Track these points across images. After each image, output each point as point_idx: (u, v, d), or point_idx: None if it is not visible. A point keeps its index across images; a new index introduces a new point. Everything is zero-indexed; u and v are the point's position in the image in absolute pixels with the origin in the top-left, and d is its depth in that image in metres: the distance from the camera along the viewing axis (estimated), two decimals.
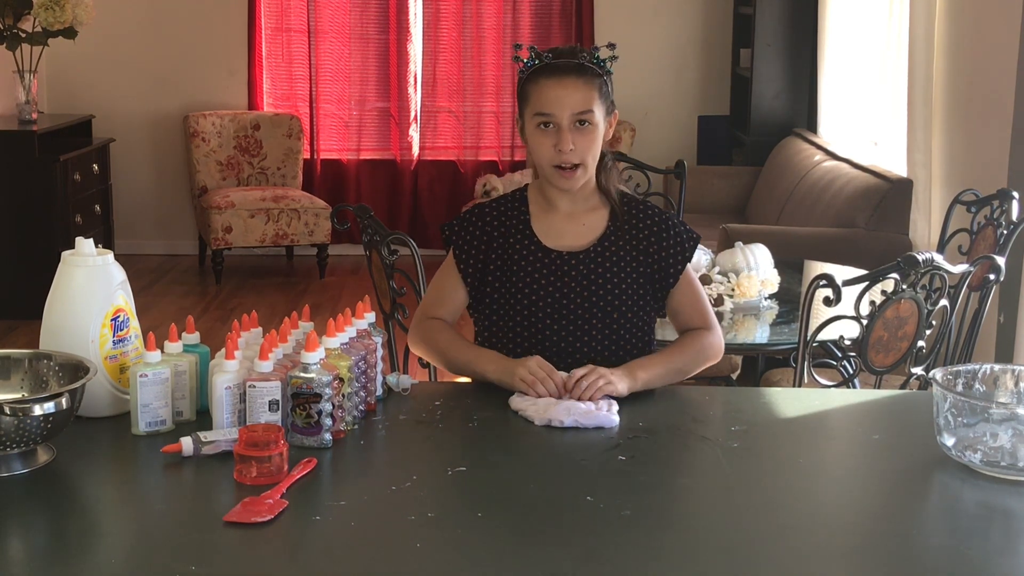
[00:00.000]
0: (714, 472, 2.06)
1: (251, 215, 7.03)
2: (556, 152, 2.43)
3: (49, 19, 6.22)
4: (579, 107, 2.42)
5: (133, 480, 2.03)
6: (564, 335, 2.48)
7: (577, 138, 2.42)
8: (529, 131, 2.48)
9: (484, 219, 2.55)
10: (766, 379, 3.93)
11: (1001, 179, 4.31)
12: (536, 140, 2.46)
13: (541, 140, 2.45)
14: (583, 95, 2.42)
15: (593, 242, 2.51)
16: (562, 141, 2.42)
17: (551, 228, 2.53)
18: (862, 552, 1.75)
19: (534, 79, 2.46)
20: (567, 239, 2.52)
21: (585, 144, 2.44)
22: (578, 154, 2.43)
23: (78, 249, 2.18)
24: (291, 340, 2.23)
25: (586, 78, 2.44)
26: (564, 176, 2.46)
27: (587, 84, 2.43)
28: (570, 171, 2.45)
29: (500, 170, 7.72)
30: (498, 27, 7.66)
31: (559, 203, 2.53)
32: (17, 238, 6.15)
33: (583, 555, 1.70)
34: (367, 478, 2.02)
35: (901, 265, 2.74)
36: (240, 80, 7.64)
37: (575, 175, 2.46)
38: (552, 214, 2.54)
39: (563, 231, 2.53)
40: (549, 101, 2.42)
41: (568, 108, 2.42)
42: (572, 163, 2.44)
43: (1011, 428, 1.98)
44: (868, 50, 6.10)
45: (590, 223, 2.53)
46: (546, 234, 2.52)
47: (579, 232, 2.53)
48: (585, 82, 2.43)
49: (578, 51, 2.48)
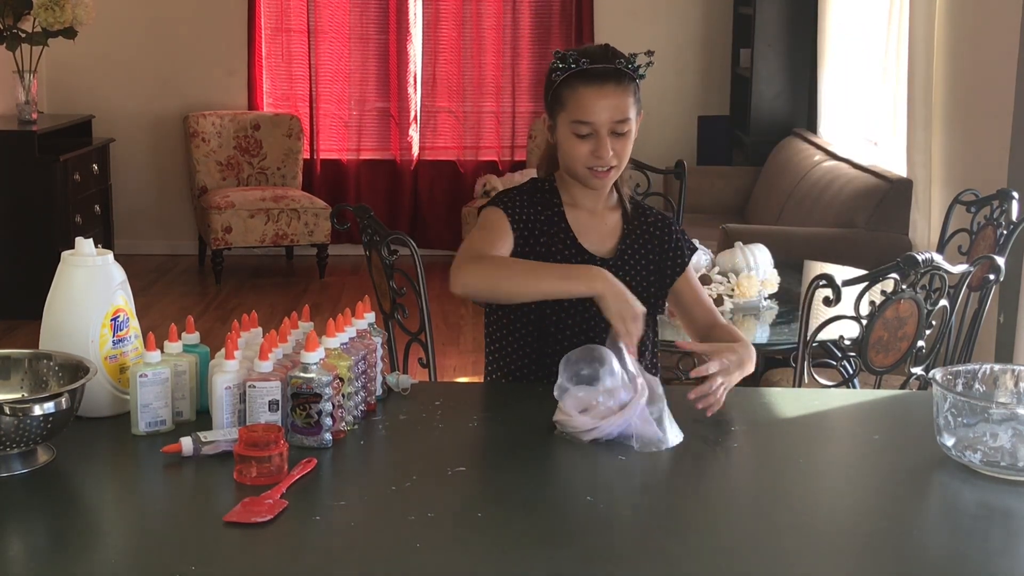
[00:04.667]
0: (714, 472, 2.06)
1: (251, 215, 7.03)
2: (594, 158, 2.44)
3: (49, 19, 6.22)
4: (618, 115, 2.42)
5: (133, 480, 2.03)
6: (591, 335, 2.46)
7: (614, 143, 2.43)
8: (563, 135, 2.47)
9: (529, 197, 2.53)
10: (766, 379, 3.93)
11: (1001, 179, 4.31)
12: (571, 144, 2.45)
13: (578, 145, 2.44)
14: (620, 102, 2.42)
15: (617, 246, 2.53)
16: (601, 148, 2.42)
17: (578, 223, 2.53)
18: (862, 552, 1.75)
19: (570, 84, 2.43)
20: (593, 238, 2.53)
21: (621, 148, 2.45)
22: (616, 158, 2.45)
23: (78, 249, 2.18)
24: (291, 340, 2.23)
25: (623, 84, 2.43)
26: (598, 177, 2.46)
27: (624, 91, 2.43)
28: (604, 172, 2.46)
29: (500, 170, 7.72)
30: (498, 27, 7.66)
31: (583, 201, 2.54)
32: (17, 238, 6.15)
33: (583, 555, 1.70)
34: (367, 478, 2.02)
35: (901, 265, 2.74)
36: (240, 80, 7.64)
37: (609, 175, 2.47)
38: (577, 210, 2.55)
39: (589, 228, 2.54)
40: (588, 110, 2.41)
41: (607, 115, 2.41)
42: (608, 166, 2.45)
43: (1011, 428, 1.98)
44: (868, 50, 6.10)
45: (610, 222, 2.56)
46: (578, 231, 2.53)
47: (603, 232, 2.55)
48: (623, 89, 2.43)
49: (611, 53, 2.46)
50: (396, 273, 3.07)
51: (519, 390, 2.51)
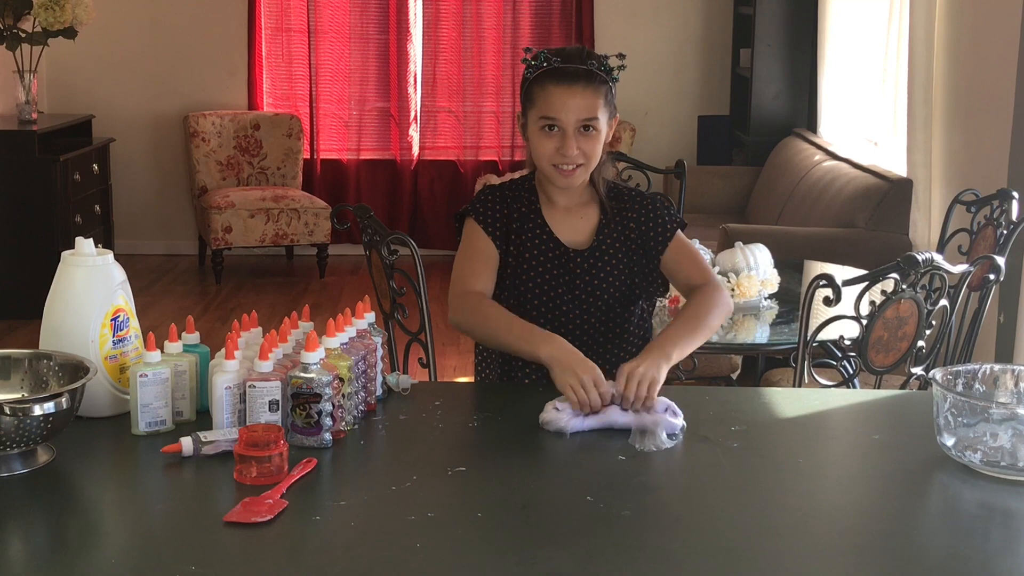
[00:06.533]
0: (714, 472, 2.06)
1: (251, 215, 7.03)
2: (559, 155, 2.46)
3: (49, 19, 6.22)
4: (584, 114, 2.44)
5: (133, 480, 2.03)
6: (571, 327, 2.52)
7: (581, 142, 2.45)
8: (532, 131, 2.51)
9: (503, 196, 2.58)
10: (766, 379, 3.93)
11: (1001, 179, 4.31)
12: (538, 140, 2.48)
13: (544, 141, 2.47)
14: (589, 102, 2.44)
15: (593, 238, 2.56)
16: (567, 146, 2.44)
17: (554, 219, 2.58)
18: (862, 552, 1.75)
19: (540, 82, 2.47)
20: (567, 233, 2.56)
21: (588, 147, 2.47)
22: (582, 157, 2.47)
23: (78, 249, 2.18)
24: (291, 340, 2.23)
25: (593, 85, 2.45)
26: (563, 175, 2.49)
27: (594, 91, 2.44)
28: (570, 171, 2.48)
29: (500, 170, 7.73)
30: (498, 27, 7.66)
31: (556, 198, 2.58)
32: (17, 238, 6.15)
33: (583, 555, 1.70)
34: (367, 478, 2.02)
35: (901, 265, 2.74)
36: (240, 80, 7.64)
37: (574, 174, 2.49)
38: (552, 206, 2.59)
39: (564, 223, 2.57)
40: (555, 106, 2.44)
41: (574, 114, 2.43)
42: (574, 164, 2.47)
43: (1011, 428, 1.98)
44: (868, 50, 6.10)
45: (587, 215, 2.58)
46: (555, 226, 2.57)
47: (577, 226, 2.57)
48: (592, 89, 2.44)
49: (586, 55, 2.48)
50: (396, 273, 3.07)
51: (519, 390, 2.52)
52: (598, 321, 2.55)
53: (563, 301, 2.53)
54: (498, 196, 2.58)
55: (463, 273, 2.53)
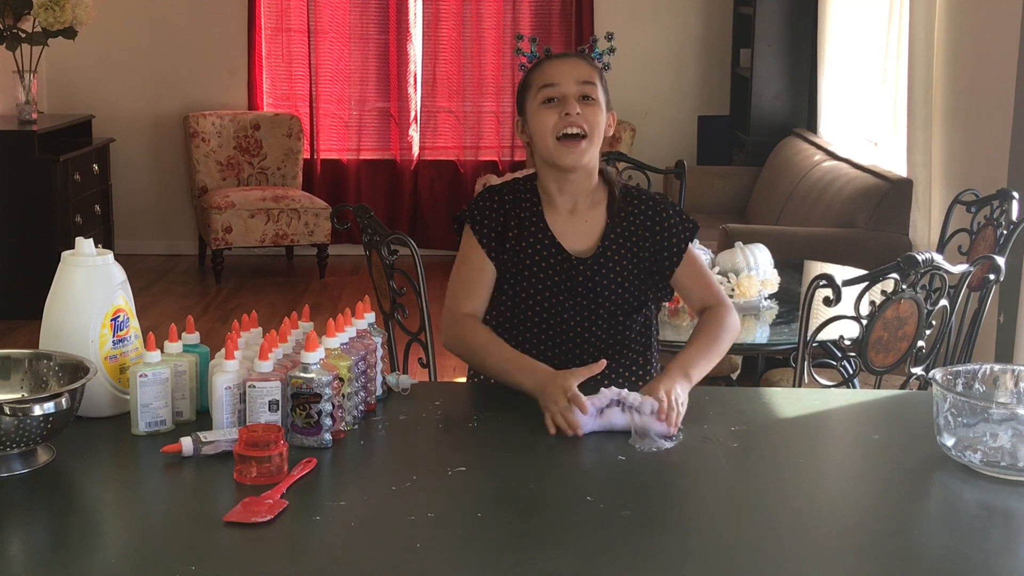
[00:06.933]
0: (714, 472, 2.06)
1: (251, 215, 7.03)
2: (563, 119, 2.43)
3: (49, 19, 6.22)
4: (583, 77, 2.46)
5: (133, 480, 2.03)
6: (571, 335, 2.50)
7: (583, 108, 2.45)
8: (533, 114, 2.48)
9: (501, 199, 2.54)
10: (766, 379, 3.93)
11: (1001, 179, 4.31)
12: (540, 118, 2.46)
13: (546, 116, 2.46)
14: (586, 70, 2.48)
15: (597, 244, 2.51)
16: (568, 106, 2.43)
17: (557, 222, 2.52)
18: (862, 552, 1.75)
19: (536, 66, 2.53)
20: (572, 237, 2.51)
21: (591, 115, 2.45)
22: (585, 122, 2.44)
23: (78, 249, 2.18)
24: (291, 340, 2.23)
25: (588, 61, 2.53)
26: (570, 148, 2.44)
27: (589, 65, 2.51)
28: (576, 141, 2.44)
29: (500, 170, 7.73)
30: (498, 27, 7.66)
31: (560, 200, 2.52)
32: (17, 238, 6.15)
33: (583, 555, 1.70)
34: (367, 478, 2.02)
35: (901, 265, 2.74)
36: (240, 80, 7.64)
37: (581, 146, 2.44)
38: (555, 209, 2.53)
39: (568, 227, 2.52)
40: (554, 74, 2.47)
41: (572, 77, 2.46)
42: (579, 130, 2.43)
43: (1011, 428, 1.98)
44: (868, 50, 6.10)
45: (592, 219, 2.53)
46: (557, 230, 2.51)
47: (581, 230, 2.52)
48: (587, 63, 2.52)
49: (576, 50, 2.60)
50: (396, 273, 3.07)
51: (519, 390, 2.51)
52: (600, 329, 2.50)
53: (564, 309, 2.49)
54: (497, 200, 2.53)
55: (456, 292, 2.51)
